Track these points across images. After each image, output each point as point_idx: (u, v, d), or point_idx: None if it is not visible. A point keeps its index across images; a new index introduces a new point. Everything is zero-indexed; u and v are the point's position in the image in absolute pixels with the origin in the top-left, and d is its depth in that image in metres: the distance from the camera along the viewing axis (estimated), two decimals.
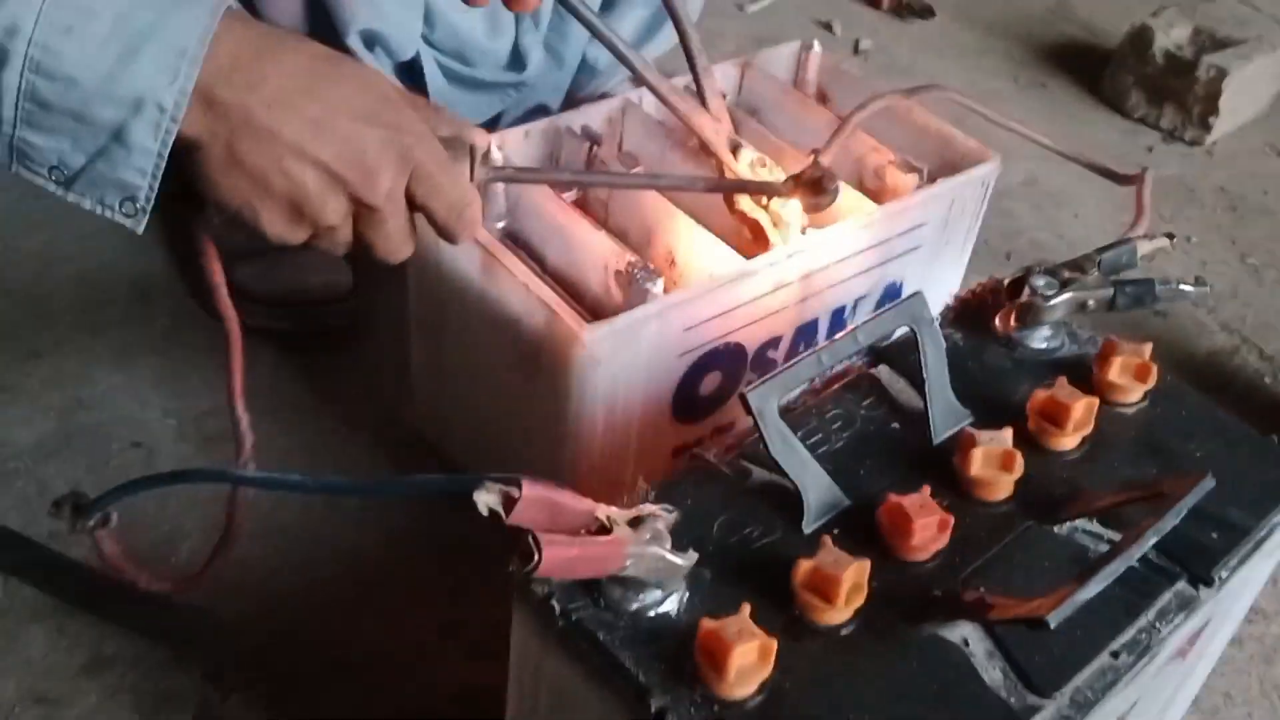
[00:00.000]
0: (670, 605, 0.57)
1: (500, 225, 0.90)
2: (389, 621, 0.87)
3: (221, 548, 0.77)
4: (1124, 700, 0.61)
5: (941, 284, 1.00)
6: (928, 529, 0.60)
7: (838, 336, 0.66)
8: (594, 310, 0.84)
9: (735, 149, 0.86)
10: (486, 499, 0.52)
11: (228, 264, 1.08)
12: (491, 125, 1.19)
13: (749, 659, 0.53)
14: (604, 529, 0.55)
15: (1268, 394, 1.16)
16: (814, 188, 0.81)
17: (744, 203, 0.86)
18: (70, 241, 1.15)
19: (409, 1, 0.98)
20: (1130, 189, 1.10)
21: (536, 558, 0.50)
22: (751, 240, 0.88)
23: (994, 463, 0.64)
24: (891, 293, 0.95)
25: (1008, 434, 0.64)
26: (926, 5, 1.74)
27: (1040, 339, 0.74)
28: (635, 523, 0.56)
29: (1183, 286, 0.72)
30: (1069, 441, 0.67)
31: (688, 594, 0.58)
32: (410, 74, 1.05)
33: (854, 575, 0.56)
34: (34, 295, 1.09)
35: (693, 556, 0.57)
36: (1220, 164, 1.50)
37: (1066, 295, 0.72)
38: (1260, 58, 1.49)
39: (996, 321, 0.75)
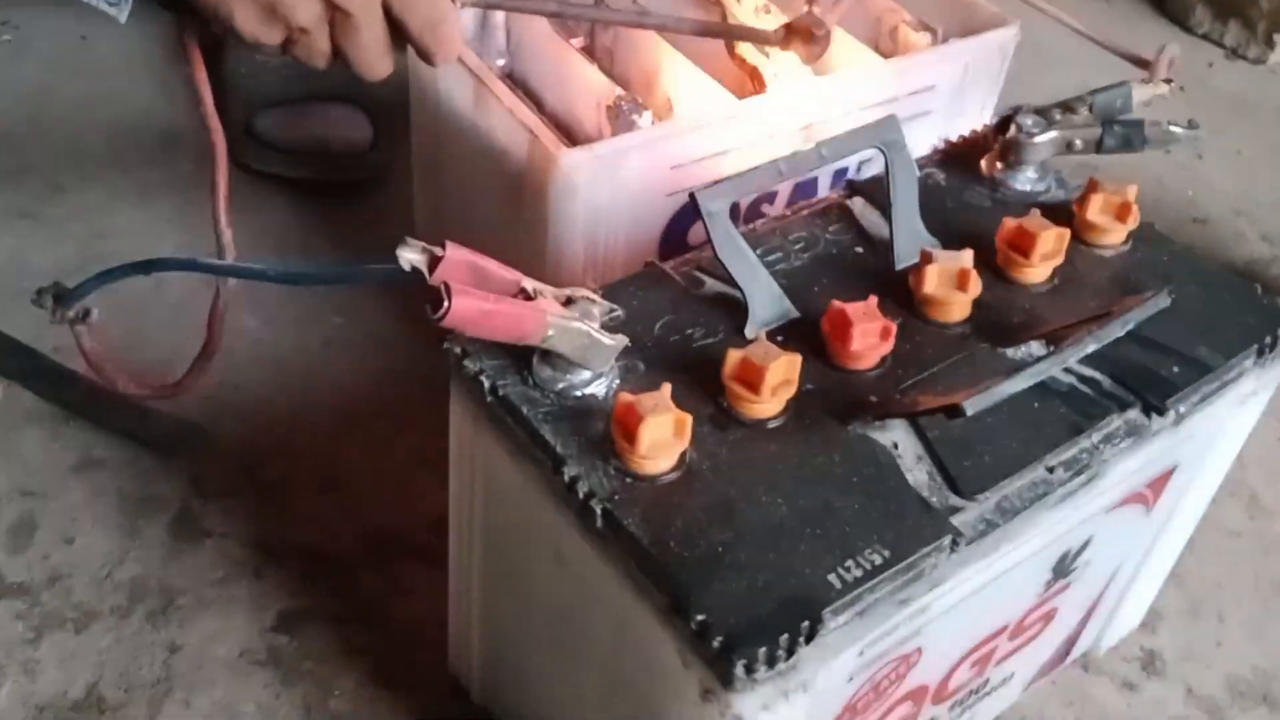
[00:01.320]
0: (598, 388, 0.57)
1: (500, 64, 0.90)
2: (374, 450, 0.88)
3: (202, 357, 0.79)
4: (1065, 525, 0.60)
5: None
6: (868, 335, 0.59)
7: (802, 150, 0.65)
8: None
9: None
10: (410, 256, 0.53)
11: (249, 111, 1.11)
12: None
13: (662, 433, 0.53)
14: (529, 298, 0.55)
15: None
16: (804, 36, 0.80)
17: (745, 49, 0.85)
18: (107, 91, 1.18)
19: None
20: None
21: (446, 304, 0.50)
22: (753, 89, 0.86)
23: (949, 282, 0.62)
24: None
25: (967, 255, 0.63)
26: None
27: (1025, 180, 0.72)
28: (568, 303, 0.57)
29: (1172, 127, 0.69)
30: (1036, 273, 0.65)
31: (617, 380, 0.58)
32: None
33: (782, 368, 0.56)
34: (67, 135, 1.13)
35: (622, 339, 0.57)
36: None
37: (1052, 133, 0.70)
38: None
39: (983, 163, 0.73)
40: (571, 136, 0.86)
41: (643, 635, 0.52)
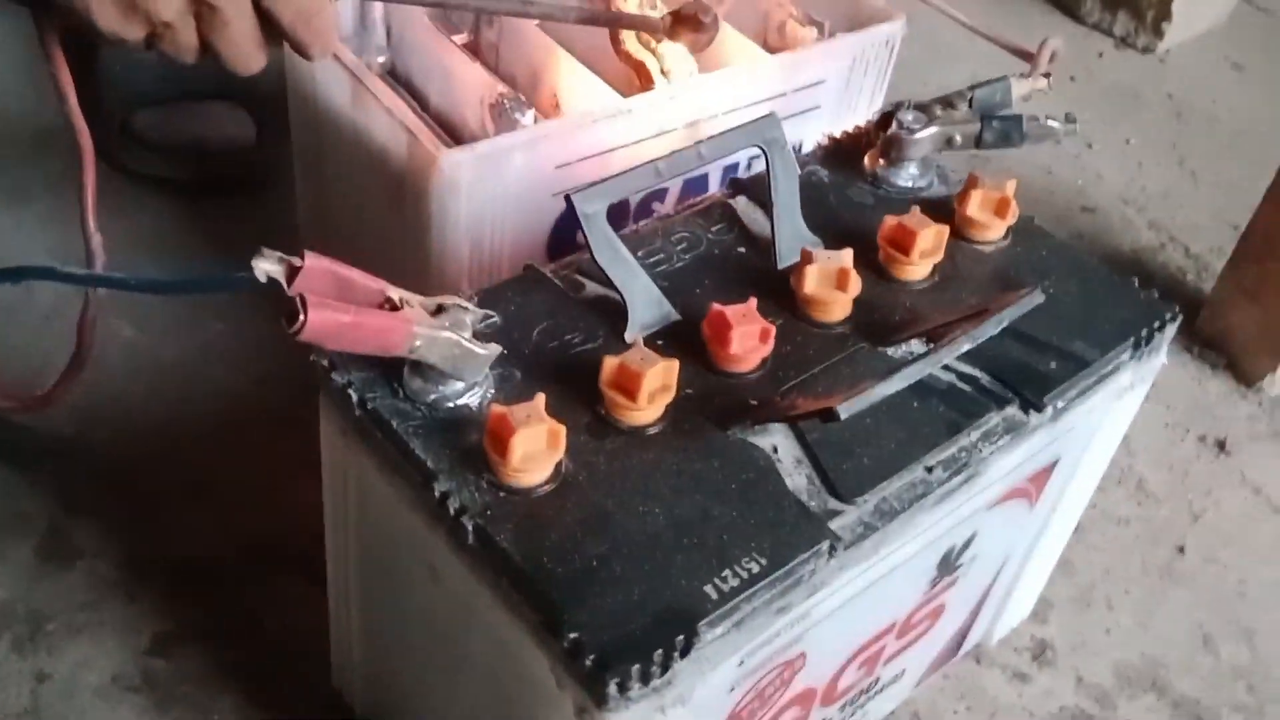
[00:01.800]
0: (472, 399, 0.56)
1: (380, 60, 0.87)
2: (252, 458, 0.85)
3: (72, 368, 0.76)
4: (947, 524, 0.60)
5: None
6: (748, 337, 0.58)
7: (682, 148, 0.64)
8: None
9: None
10: (265, 266, 0.51)
11: (126, 110, 1.07)
12: None
13: (536, 445, 0.51)
14: (395, 308, 0.53)
15: (1189, 291, 1.14)
16: (691, 24, 0.79)
17: (630, 43, 0.83)
18: None
19: None
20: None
21: (301, 318, 0.48)
22: (640, 86, 0.85)
23: (829, 281, 0.62)
24: None
25: (847, 254, 0.62)
26: None
27: (906, 176, 0.72)
28: (438, 311, 0.55)
29: (1050, 122, 0.69)
30: (917, 270, 0.65)
31: (492, 390, 0.56)
32: None
33: (660, 374, 0.55)
34: None
35: (495, 348, 0.55)
36: (1172, 73, 1.47)
37: (932, 129, 0.70)
38: None
39: (865, 159, 0.73)
40: (456, 135, 0.84)
41: (517, 653, 0.51)
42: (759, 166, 0.91)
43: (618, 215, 0.85)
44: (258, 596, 0.77)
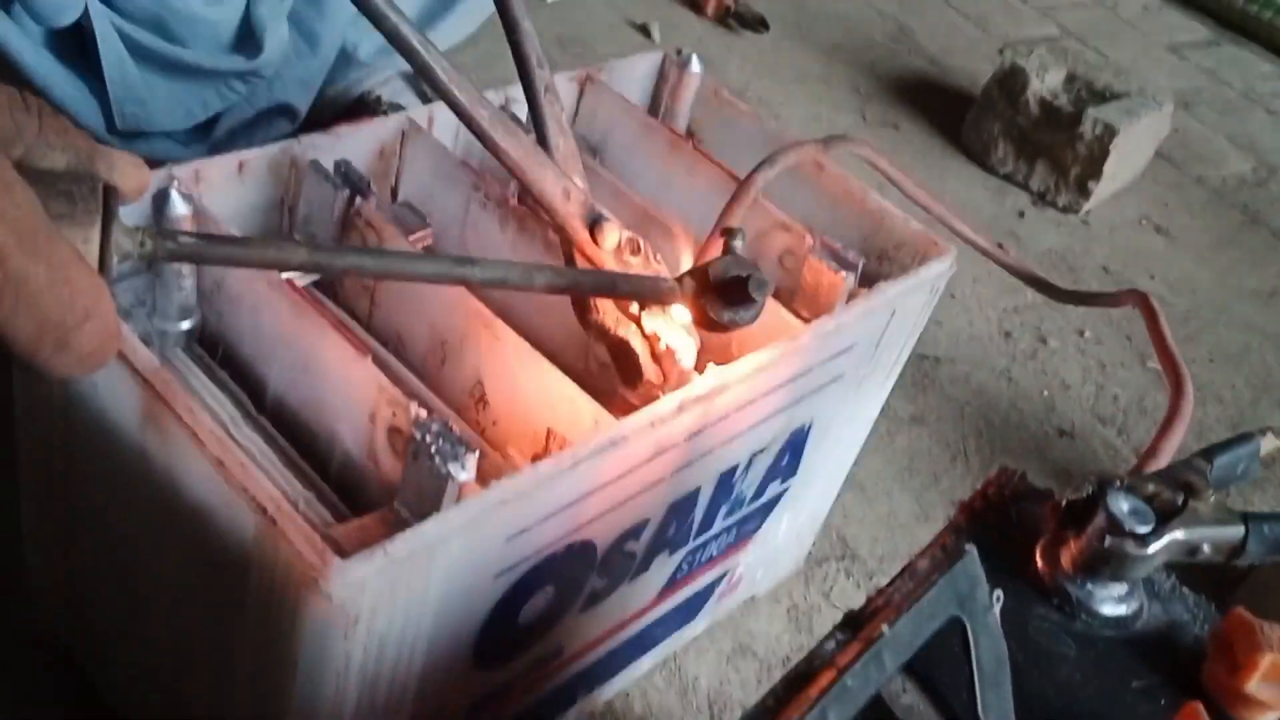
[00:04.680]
0: None
1: (185, 327, 0.52)
2: None
3: None
4: None
5: (857, 423, 0.70)
6: None
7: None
8: (344, 487, 0.49)
9: (595, 223, 0.53)
10: None
11: None
12: (205, 133, 0.81)
13: None
14: None
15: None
16: (731, 292, 0.49)
17: (607, 313, 0.53)
18: None
19: None
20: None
21: None
22: (611, 367, 0.55)
23: None
24: (796, 442, 0.64)
25: None
26: (759, 16, 1.45)
27: (1112, 599, 0.44)
28: None
29: None
30: None
31: None
32: (79, 48, 0.67)
33: None
34: None
35: None
36: (1099, 238, 1.28)
37: (1174, 534, 0.43)
38: (1146, 116, 1.28)
39: (1039, 561, 0.45)
40: (321, 467, 0.51)
41: None
42: (761, 463, 0.63)
43: (579, 569, 0.54)
44: None
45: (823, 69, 1.44)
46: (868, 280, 0.63)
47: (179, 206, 0.50)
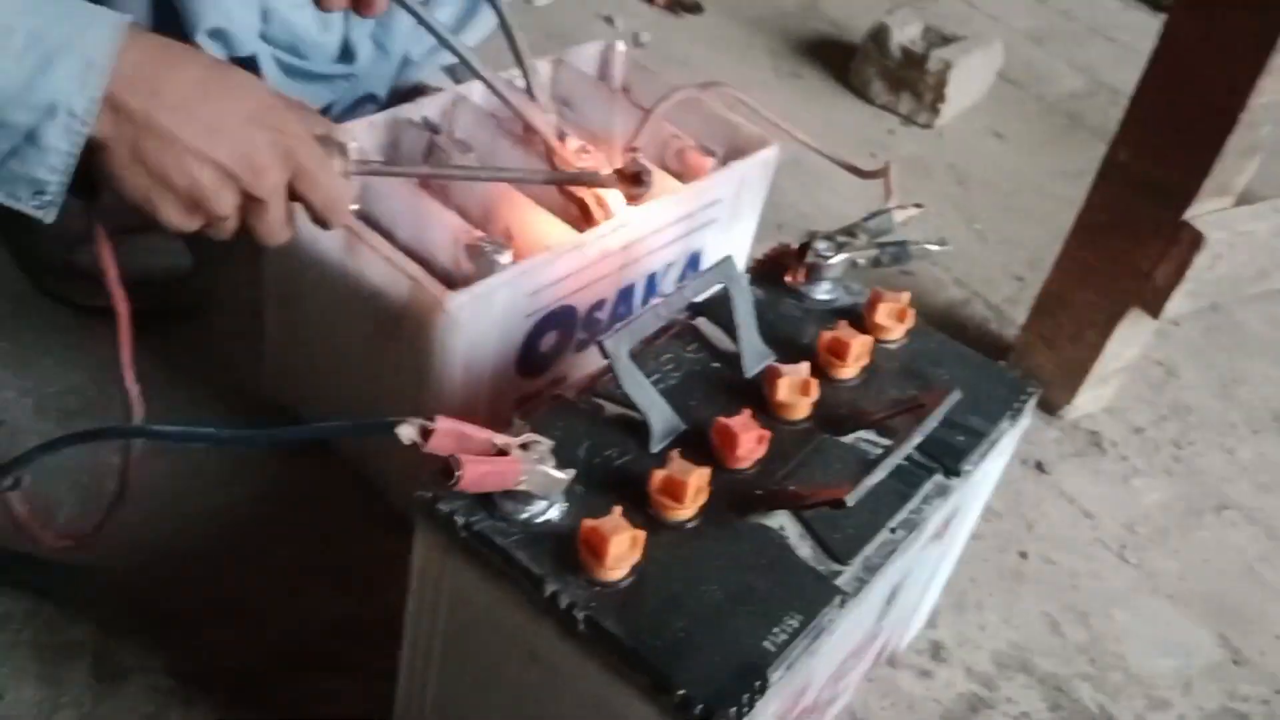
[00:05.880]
0: (553, 514, 0.70)
1: (353, 208, 0.99)
2: (256, 566, 0.96)
3: (115, 505, 0.85)
4: (898, 571, 0.79)
5: (734, 250, 1.16)
6: (750, 443, 0.75)
7: (670, 294, 0.81)
8: (444, 280, 0.96)
9: (562, 137, 1.00)
10: (408, 432, 0.64)
11: (68, 247, 1.14)
12: (324, 113, 1.27)
13: (623, 547, 0.67)
14: (502, 452, 0.67)
15: (995, 336, 1.39)
16: (634, 180, 0.95)
17: (575, 189, 0.99)
18: None
19: (248, 1, 1.06)
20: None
21: (458, 474, 0.62)
22: (579, 216, 1.01)
23: (795, 390, 0.80)
24: (693, 259, 1.11)
25: (805, 367, 0.80)
26: (696, 2, 1.91)
27: (822, 291, 0.91)
28: (524, 447, 0.69)
29: (929, 246, 0.90)
30: (850, 371, 0.84)
31: (566, 504, 0.71)
32: (247, 68, 1.13)
33: (697, 480, 0.71)
34: None
35: (571, 473, 0.70)
36: (949, 144, 1.74)
37: (842, 255, 0.89)
38: (979, 51, 1.74)
39: (788, 278, 0.92)
40: (428, 267, 0.98)
41: (625, 713, 0.66)
42: (673, 273, 1.09)
43: (569, 323, 1.01)
44: (296, 694, 0.88)
45: (745, 37, 1.90)
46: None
47: (353, 149, 0.97)
